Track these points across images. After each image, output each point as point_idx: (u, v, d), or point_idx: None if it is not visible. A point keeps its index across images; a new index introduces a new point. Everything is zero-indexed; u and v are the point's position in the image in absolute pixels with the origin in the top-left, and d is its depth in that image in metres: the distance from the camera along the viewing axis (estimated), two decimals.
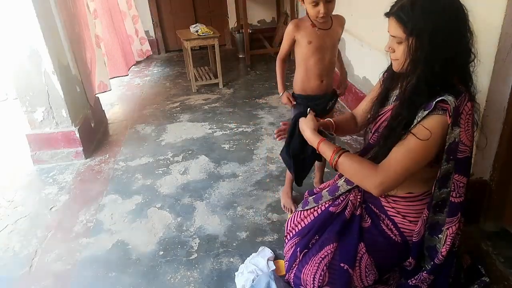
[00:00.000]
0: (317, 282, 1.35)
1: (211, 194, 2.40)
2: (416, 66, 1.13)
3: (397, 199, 1.36)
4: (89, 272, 1.86)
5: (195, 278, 1.78)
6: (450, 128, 1.11)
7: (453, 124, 1.11)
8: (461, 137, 1.13)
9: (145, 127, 3.48)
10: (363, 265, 1.36)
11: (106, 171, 2.78)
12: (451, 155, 1.15)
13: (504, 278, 1.63)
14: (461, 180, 1.20)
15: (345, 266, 1.35)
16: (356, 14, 3.11)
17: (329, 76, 2.00)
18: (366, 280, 1.38)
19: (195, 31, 4.24)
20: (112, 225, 2.19)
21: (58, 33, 2.85)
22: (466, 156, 1.16)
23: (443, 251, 1.27)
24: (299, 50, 1.96)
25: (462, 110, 1.12)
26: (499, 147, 1.76)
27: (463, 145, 1.14)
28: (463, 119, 1.12)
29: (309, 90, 2.01)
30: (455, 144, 1.13)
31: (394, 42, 1.19)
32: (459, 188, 1.20)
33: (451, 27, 1.11)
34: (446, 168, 1.19)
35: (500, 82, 1.63)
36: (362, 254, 1.37)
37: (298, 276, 1.44)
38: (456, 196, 1.21)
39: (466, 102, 1.13)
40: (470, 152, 1.18)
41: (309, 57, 1.93)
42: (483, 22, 1.63)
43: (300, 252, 1.47)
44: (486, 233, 1.89)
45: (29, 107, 2.75)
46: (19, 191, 2.61)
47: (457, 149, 1.14)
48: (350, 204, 1.44)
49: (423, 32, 1.10)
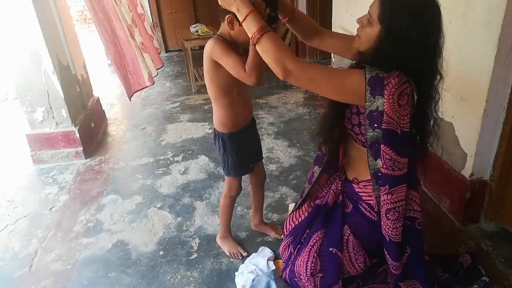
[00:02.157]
0: (309, 270, 1.38)
1: (211, 194, 2.40)
2: (377, 57, 1.16)
3: (365, 184, 1.38)
4: (89, 272, 1.86)
5: (195, 278, 1.78)
6: (368, 94, 1.15)
7: (374, 93, 1.15)
8: (385, 108, 1.15)
9: (145, 127, 3.48)
10: (351, 247, 1.38)
11: (106, 171, 2.78)
12: (375, 122, 1.19)
13: (504, 278, 1.63)
14: (387, 152, 1.20)
15: (333, 250, 1.38)
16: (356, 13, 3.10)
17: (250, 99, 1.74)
18: (357, 264, 1.39)
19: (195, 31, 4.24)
20: (112, 225, 2.19)
21: (58, 33, 2.85)
22: (391, 129, 1.18)
23: (383, 226, 1.28)
24: (219, 81, 1.54)
25: (388, 82, 1.13)
26: (499, 147, 1.76)
27: (388, 117, 1.16)
28: (387, 91, 1.13)
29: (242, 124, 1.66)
30: (378, 113, 1.17)
31: (366, 19, 1.21)
32: (386, 159, 1.21)
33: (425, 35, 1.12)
34: (372, 136, 1.22)
35: (500, 82, 1.64)
36: (347, 236, 1.39)
37: (292, 270, 1.46)
38: (383, 167, 1.22)
39: (394, 77, 1.13)
40: (401, 130, 1.18)
41: (233, 87, 1.56)
42: (483, 22, 1.63)
43: (294, 249, 1.50)
44: (486, 233, 1.89)
45: (29, 107, 2.75)
46: (19, 191, 2.61)
47: (381, 119, 1.17)
48: (332, 192, 1.48)
49: (399, 33, 1.11)
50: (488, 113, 1.70)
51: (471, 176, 1.85)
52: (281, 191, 2.38)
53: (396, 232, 1.27)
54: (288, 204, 2.24)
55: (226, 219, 1.91)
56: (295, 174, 2.54)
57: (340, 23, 3.52)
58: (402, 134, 1.18)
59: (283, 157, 2.76)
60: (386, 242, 1.30)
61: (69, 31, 3.04)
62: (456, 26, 1.79)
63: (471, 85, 1.76)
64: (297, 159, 2.71)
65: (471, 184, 1.86)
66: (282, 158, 2.75)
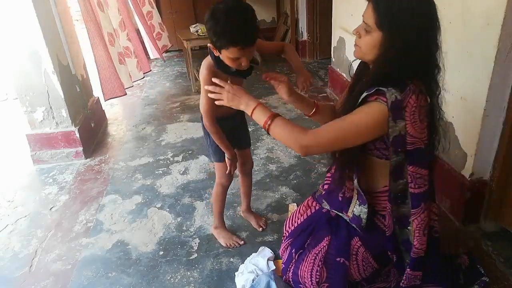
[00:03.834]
0: (315, 278, 1.36)
1: (211, 194, 2.40)
2: (384, 61, 1.14)
3: (378, 195, 1.36)
4: (89, 272, 1.86)
5: (195, 278, 1.78)
6: (391, 121, 1.12)
7: (396, 117, 1.12)
8: (407, 129, 1.13)
9: (145, 127, 3.48)
10: (360, 258, 1.37)
11: (106, 171, 2.78)
12: (399, 147, 1.16)
13: (504, 278, 1.63)
14: (417, 172, 1.19)
15: (341, 259, 1.36)
16: (356, 14, 3.11)
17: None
18: (364, 273, 1.39)
19: (195, 31, 4.24)
20: (112, 225, 2.19)
21: (58, 33, 2.85)
22: (417, 147, 1.16)
23: (415, 244, 1.26)
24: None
25: (407, 103, 1.12)
26: (499, 147, 1.76)
27: (412, 137, 1.15)
28: (408, 112, 1.12)
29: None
30: (401, 137, 1.14)
31: (362, 28, 1.18)
32: (416, 179, 1.20)
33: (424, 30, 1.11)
34: (396, 160, 1.20)
35: (500, 82, 1.64)
36: (358, 247, 1.38)
37: (296, 274, 1.45)
38: (415, 187, 1.21)
39: (410, 95, 1.12)
40: (424, 143, 1.17)
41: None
42: (483, 22, 1.63)
43: (295, 253, 1.48)
44: (486, 233, 1.89)
45: (29, 107, 2.75)
46: (19, 191, 2.61)
47: (405, 141, 1.15)
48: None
49: (401, 32, 1.09)
50: (488, 113, 1.70)
51: (471, 176, 1.85)
52: (281, 191, 2.38)
53: (425, 243, 1.26)
54: (288, 204, 2.24)
55: (218, 207, 1.95)
56: (295, 174, 2.54)
57: (340, 23, 3.52)
58: (425, 147, 1.17)
59: (283, 157, 2.76)
60: (421, 258, 1.27)
61: (69, 31, 3.04)
62: (456, 26, 1.79)
63: (471, 85, 1.76)
64: (297, 159, 2.71)
65: (471, 184, 1.86)
66: (282, 158, 2.75)
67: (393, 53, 1.11)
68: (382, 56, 1.14)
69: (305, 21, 5.10)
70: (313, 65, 5.06)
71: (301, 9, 5.12)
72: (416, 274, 1.31)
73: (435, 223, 1.32)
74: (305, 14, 5.07)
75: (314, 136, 1.19)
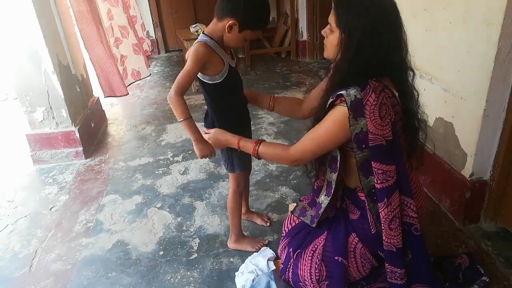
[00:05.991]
0: (315, 276, 1.38)
1: (211, 194, 2.40)
2: (343, 59, 1.20)
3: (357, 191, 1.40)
4: (89, 272, 1.86)
5: (195, 278, 1.78)
6: (352, 119, 1.17)
7: (356, 116, 1.16)
8: (369, 127, 1.17)
9: (145, 127, 3.48)
10: (358, 255, 1.38)
11: (106, 171, 2.78)
12: (362, 144, 1.21)
13: (504, 278, 1.63)
14: (379, 167, 1.22)
15: (339, 259, 1.38)
16: None
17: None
18: (363, 270, 1.40)
19: (195, 31, 4.24)
20: (112, 225, 2.19)
21: (58, 33, 2.85)
22: (378, 144, 1.19)
23: (384, 238, 1.28)
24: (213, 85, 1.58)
25: (366, 102, 1.15)
26: (499, 147, 1.76)
27: (372, 134, 1.18)
28: (367, 110, 1.16)
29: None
30: (363, 134, 1.19)
31: (327, 29, 1.26)
32: (378, 174, 1.23)
33: (384, 28, 1.14)
34: (361, 156, 1.24)
35: (500, 82, 1.64)
36: (355, 244, 1.39)
37: (295, 273, 1.46)
38: (378, 182, 1.24)
39: (370, 94, 1.15)
40: (386, 140, 1.20)
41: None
42: (483, 22, 1.63)
43: (293, 253, 1.49)
44: (486, 233, 1.89)
45: (29, 107, 2.75)
46: (19, 191, 2.61)
47: (367, 138, 1.19)
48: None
49: (354, 32, 1.14)
50: (488, 113, 1.70)
51: (471, 176, 1.85)
52: (281, 191, 2.38)
53: (399, 239, 1.27)
54: (288, 204, 2.24)
55: (238, 218, 1.88)
56: (295, 174, 2.54)
57: None
58: (387, 143, 1.20)
59: None
60: (393, 253, 1.29)
61: (69, 31, 3.04)
62: (456, 26, 1.79)
63: (471, 85, 1.76)
64: None
65: (471, 184, 1.86)
66: None
67: (351, 52, 1.16)
68: (342, 55, 1.20)
69: (305, 21, 5.10)
70: (313, 65, 5.06)
71: (301, 9, 5.12)
72: (395, 271, 1.31)
73: (413, 220, 1.30)
74: (305, 14, 5.07)
75: (298, 149, 1.33)
